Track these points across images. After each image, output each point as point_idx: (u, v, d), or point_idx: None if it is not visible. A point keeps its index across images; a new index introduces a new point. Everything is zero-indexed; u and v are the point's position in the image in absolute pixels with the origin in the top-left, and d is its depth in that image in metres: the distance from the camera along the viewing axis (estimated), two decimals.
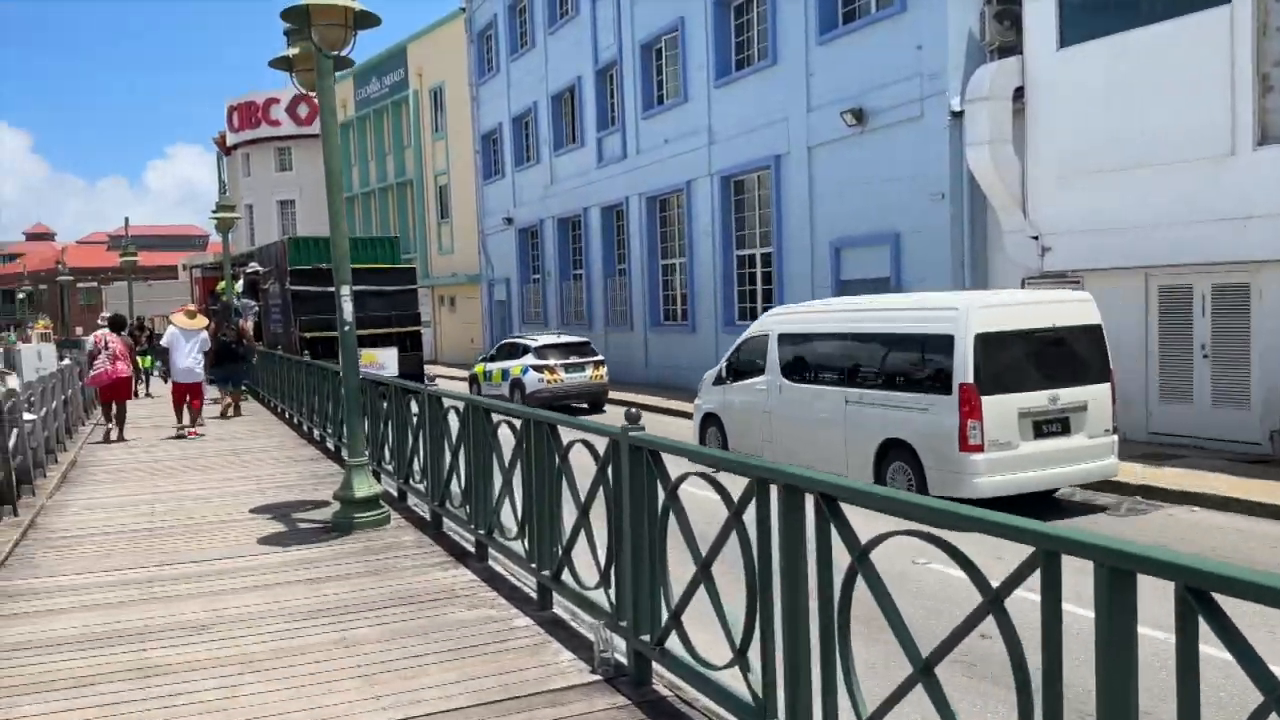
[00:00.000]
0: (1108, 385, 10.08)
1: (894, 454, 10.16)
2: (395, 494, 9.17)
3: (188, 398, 14.96)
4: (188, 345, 14.55)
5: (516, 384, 20.82)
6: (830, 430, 10.91)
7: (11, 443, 8.92)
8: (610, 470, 4.64)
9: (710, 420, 13.48)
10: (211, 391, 18.02)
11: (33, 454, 10.22)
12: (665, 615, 4.25)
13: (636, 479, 4.37)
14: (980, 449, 9.28)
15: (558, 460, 5.31)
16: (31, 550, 7.61)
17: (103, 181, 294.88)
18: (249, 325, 23.24)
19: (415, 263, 31.75)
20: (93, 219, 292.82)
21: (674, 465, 4.28)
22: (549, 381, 20.33)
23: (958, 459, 9.36)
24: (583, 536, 5.12)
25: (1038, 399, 9.61)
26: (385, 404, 9.42)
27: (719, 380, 13.33)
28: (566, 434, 5.33)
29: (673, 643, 4.22)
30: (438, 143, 42.32)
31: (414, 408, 8.44)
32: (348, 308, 7.93)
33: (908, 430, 9.92)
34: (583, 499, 5.01)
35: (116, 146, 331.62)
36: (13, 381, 12.25)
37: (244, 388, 19.08)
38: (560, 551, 5.36)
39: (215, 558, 7.19)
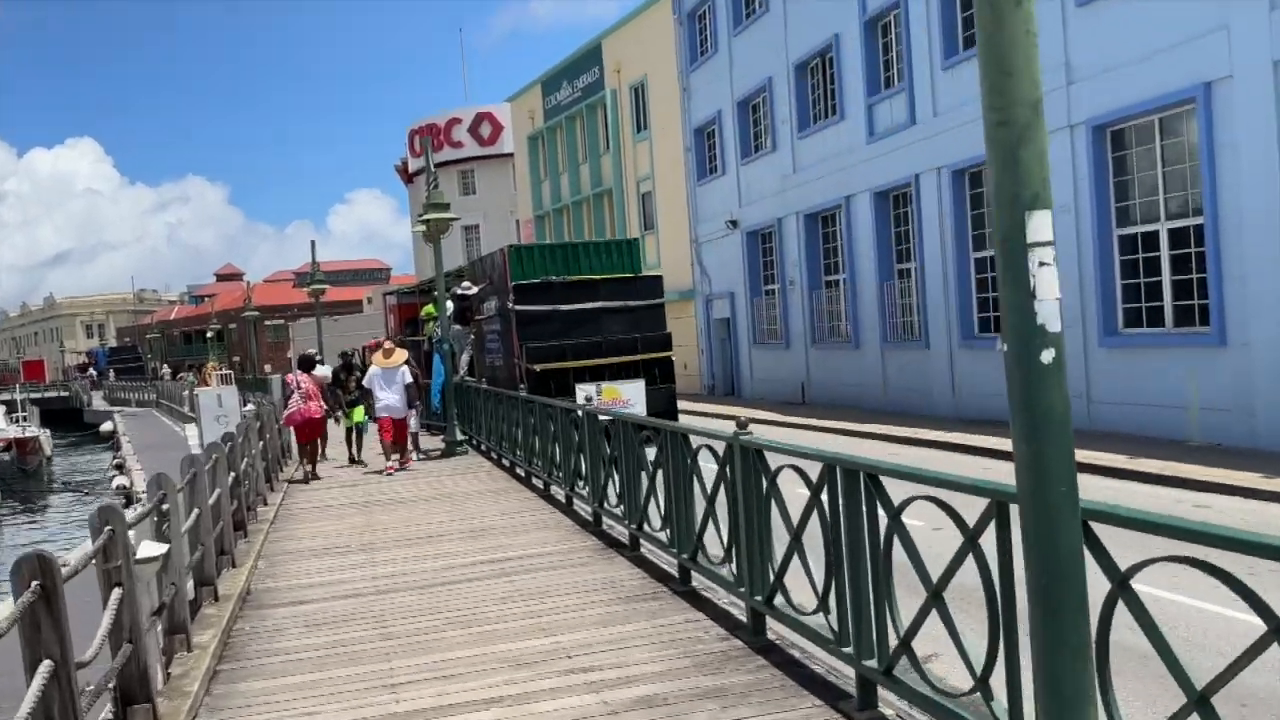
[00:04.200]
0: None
1: None
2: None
3: (394, 432, 14.90)
4: (386, 383, 14.78)
5: None
6: None
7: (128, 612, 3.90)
8: None
9: None
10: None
11: (167, 613, 5.28)
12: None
13: None
14: None
15: None
16: None
17: (290, 227, 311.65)
18: (463, 360, 18.70)
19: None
20: (281, 261, 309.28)
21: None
22: None
23: None
24: None
25: None
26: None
27: None
28: None
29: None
30: (639, 145, 37.49)
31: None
32: None
33: None
34: None
35: (302, 195, 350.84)
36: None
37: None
38: None
39: None
